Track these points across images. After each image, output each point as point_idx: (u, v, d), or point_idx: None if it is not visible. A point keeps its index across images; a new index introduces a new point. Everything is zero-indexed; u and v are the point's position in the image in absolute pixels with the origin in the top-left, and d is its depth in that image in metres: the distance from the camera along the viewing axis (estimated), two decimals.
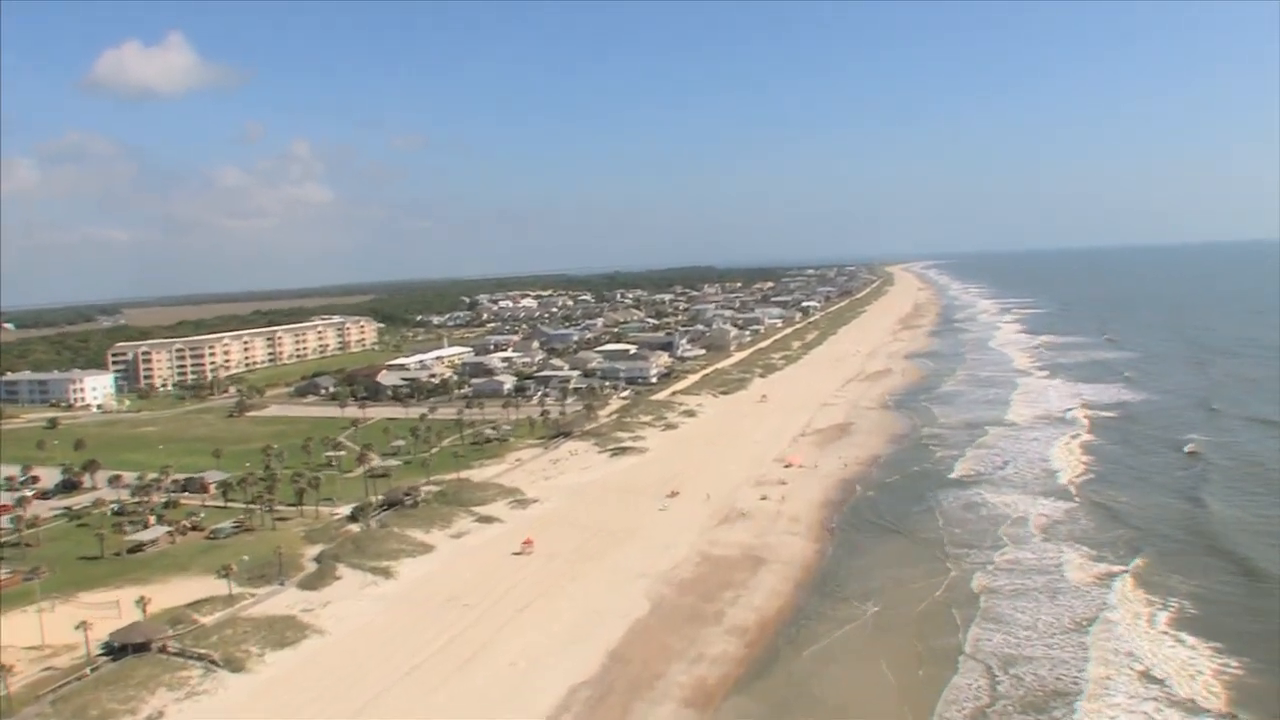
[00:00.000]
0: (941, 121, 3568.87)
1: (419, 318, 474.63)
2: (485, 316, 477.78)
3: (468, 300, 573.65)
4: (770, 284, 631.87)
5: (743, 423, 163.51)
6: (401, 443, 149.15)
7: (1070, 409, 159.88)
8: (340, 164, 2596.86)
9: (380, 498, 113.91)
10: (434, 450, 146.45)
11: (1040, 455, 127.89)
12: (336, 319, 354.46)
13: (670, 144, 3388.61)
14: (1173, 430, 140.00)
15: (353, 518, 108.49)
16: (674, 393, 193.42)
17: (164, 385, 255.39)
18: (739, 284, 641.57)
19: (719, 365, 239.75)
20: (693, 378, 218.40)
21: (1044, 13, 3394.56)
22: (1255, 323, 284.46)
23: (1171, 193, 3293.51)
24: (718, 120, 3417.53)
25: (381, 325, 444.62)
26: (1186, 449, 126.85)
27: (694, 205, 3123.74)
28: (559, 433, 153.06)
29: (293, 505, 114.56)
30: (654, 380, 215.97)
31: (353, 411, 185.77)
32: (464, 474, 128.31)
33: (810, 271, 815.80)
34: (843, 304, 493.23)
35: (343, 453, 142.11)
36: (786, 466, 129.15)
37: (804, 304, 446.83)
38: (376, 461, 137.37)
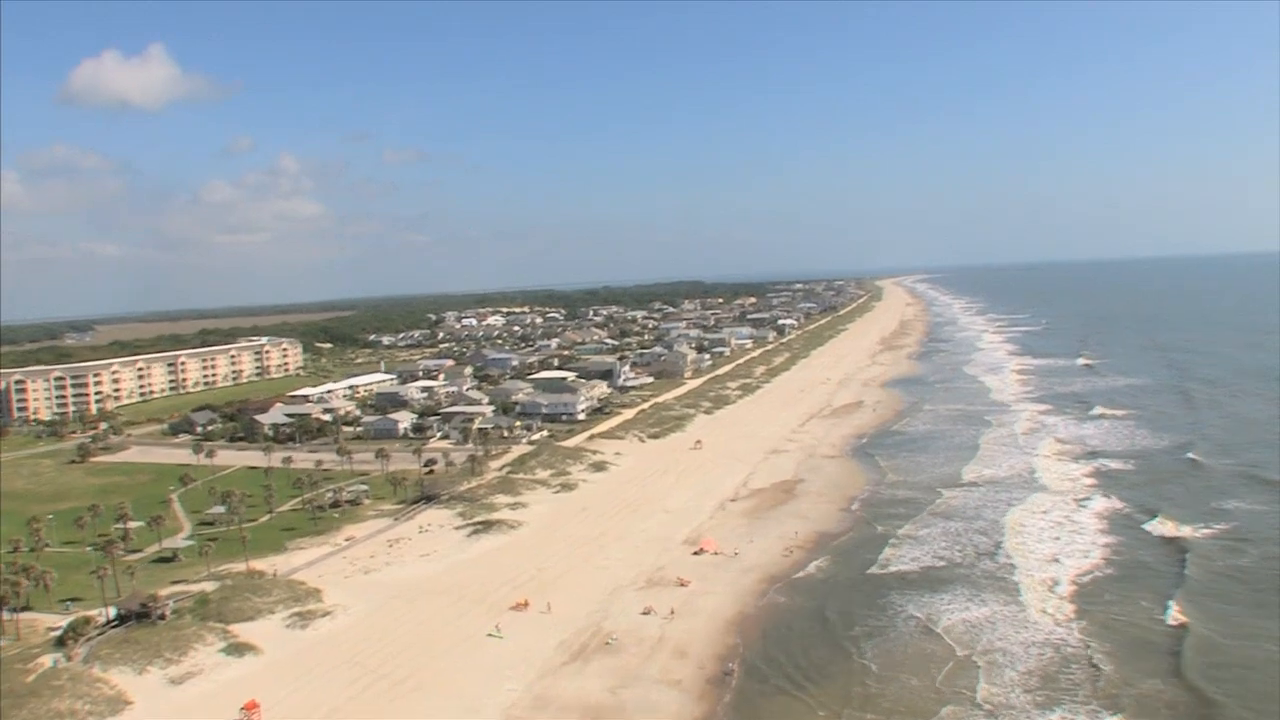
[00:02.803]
0: (942, 130, 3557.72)
1: (371, 338, 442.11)
2: (442, 336, 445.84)
3: (433, 318, 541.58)
4: (753, 299, 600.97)
5: (662, 480, 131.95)
6: (222, 509, 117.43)
7: (1041, 456, 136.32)
8: (331, 178, 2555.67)
9: (110, 610, 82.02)
10: (262, 519, 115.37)
11: (1002, 542, 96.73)
12: (260, 341, 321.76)
13: (670, 157, 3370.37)
14: (1151, 498, 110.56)
15: (62, 641, 76.89)
16: (594, 435, 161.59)
17: (37, 419, 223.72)
18: (720, 300, 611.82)
19: (664, 397, 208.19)
20: (627, 414, 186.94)
21: (1044, 14, 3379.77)
22: (1254, 345, 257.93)
23: (1177, 205, 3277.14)
24: (716, 132, 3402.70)
25: (330, 345, 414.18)
26: (1166, 533, 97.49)
27: (692, 219, 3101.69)
28: (423, 495, 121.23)
29: (20, 610, 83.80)
30: (582, 416, 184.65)
31: (204, 459, 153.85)
32: (262, 561, 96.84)
33: (798, 286, 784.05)
34: (823, 321, 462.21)
35: (134, 524, 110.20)
36: (696, 553, 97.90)
37: (780, 322, 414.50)
38: (169, 541, 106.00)
